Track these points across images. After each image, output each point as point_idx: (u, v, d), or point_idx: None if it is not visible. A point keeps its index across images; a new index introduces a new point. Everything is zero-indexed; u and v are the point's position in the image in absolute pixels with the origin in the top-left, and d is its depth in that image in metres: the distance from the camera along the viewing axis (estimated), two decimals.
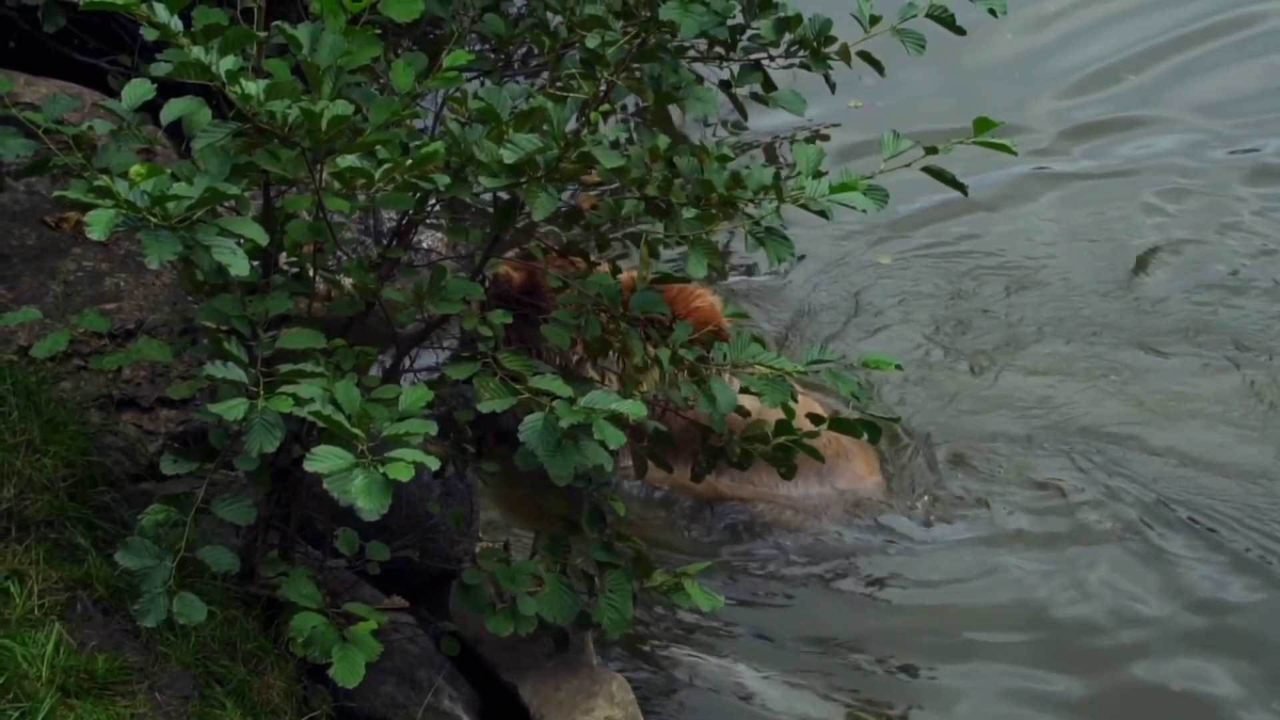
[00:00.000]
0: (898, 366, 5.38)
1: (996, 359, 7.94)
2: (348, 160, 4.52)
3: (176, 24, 4.47)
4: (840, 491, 7.04)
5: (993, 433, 7.50)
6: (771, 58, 5.58)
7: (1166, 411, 7.64)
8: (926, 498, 7.11)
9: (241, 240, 4.47)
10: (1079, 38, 10.29)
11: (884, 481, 7.15)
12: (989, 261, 8.63)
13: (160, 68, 4.59)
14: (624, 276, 5.63)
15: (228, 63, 4.44)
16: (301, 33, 4.62)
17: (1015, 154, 5.17)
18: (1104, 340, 8.08)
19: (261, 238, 4.52)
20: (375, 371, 5.22)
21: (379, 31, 4.72)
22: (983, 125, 5.04)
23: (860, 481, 7.09)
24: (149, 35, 4.54)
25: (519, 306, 6.09)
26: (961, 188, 5.27)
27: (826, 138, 9.09)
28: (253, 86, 4.45)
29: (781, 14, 5.38)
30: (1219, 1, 10.54)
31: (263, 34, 4.74)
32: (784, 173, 4.87)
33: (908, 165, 5.11)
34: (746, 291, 8.24)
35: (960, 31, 5.43)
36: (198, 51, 4.43)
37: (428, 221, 6.11)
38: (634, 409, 4.63)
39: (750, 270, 8.36)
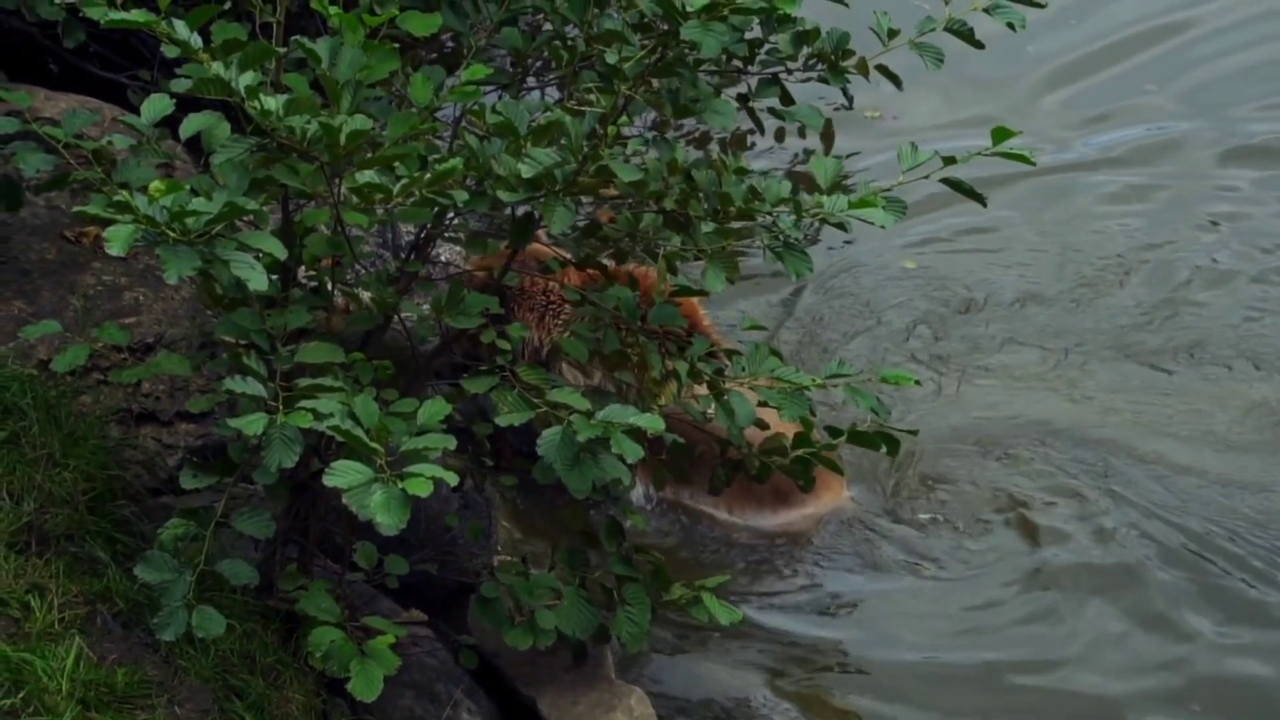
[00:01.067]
0: (917, 383, 5.35)
1: (995, 371, 7.82)
2: (366, 176, 4.53)
3: (196, 40, 4.49)
4: (815, 516, 6.99)
5: (995, 450, 7.37)
6: (789, 71, 5.58)
7: (1165, 424, 7.52)
8: (926, 515, 7.03)
9: (260, 255, 4.47)
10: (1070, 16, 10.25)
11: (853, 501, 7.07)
12: (1000, 261, 8.52)
13: (180, 84, 4.61)
14: (641, 271, 5.60)
15: (247, 78, 4.46)
16: (321, 47, 4.63)
17: (1034, 165, 5.15)
18: (1113, 351, 7.95)
19: (280, 252, 4.52)
20: None
21: (397, 45, 4.73)
22: (1000, 135, 5.02)
23: (835, 502, 7.00)
24: (170, 53, 4.56)
25: None
26: (980, 199, 5.25)
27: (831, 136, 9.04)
28: (272, 102, 4.46)
29: (799, 28, 5.38)
30: None
31: (282, 50, 4.76)
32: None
33: (926, 177, 5.10)
34: (748, 276, 8.09)
35: (979, 45, 5.41)
36: (217, 67, 4.45)
37: (446, 235, 6.12)
38: (652, 423, 4.63)
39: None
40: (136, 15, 4.44)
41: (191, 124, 4.69)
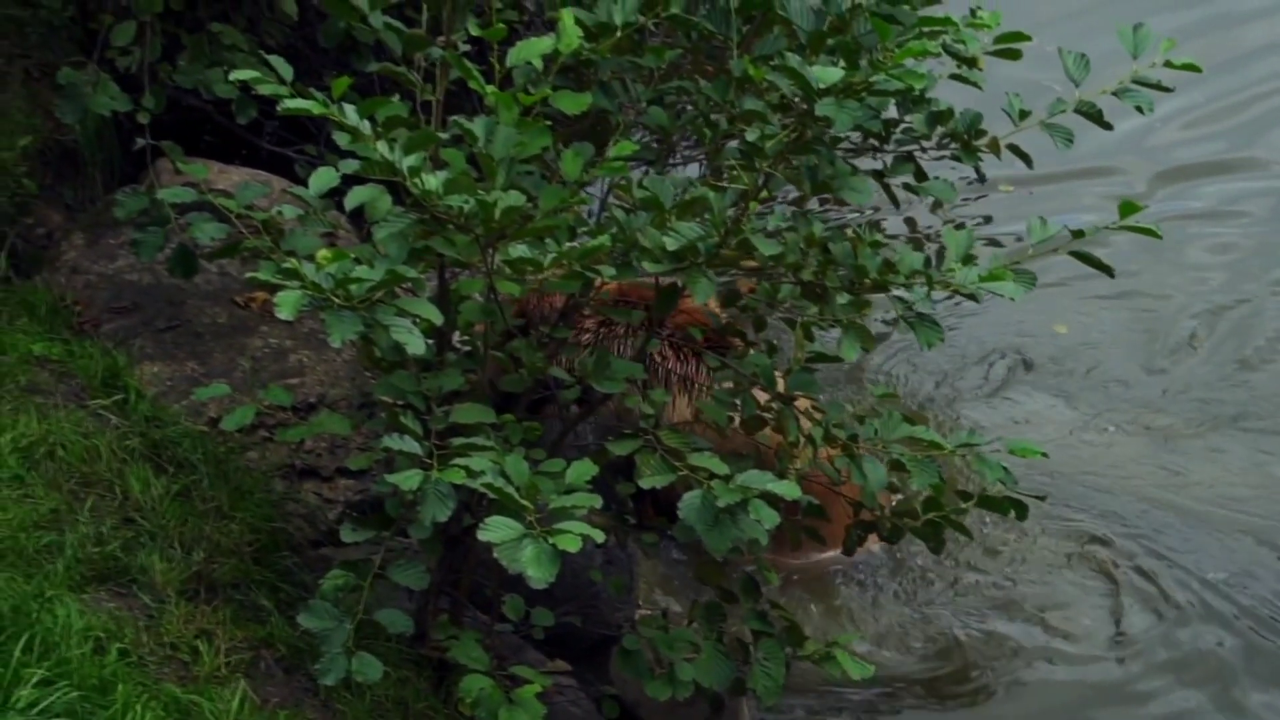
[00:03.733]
0: (1044, 454, 5.43)
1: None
2: (518, 250, 4.70)
3: (365, 126, 4.69)
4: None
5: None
6: (924, 149, 5.68)
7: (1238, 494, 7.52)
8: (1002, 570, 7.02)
9: (418, 320, 4.65)
10: None
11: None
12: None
13: (348, 164, 4.81)
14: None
15: (410, 160, 4.65)
16: (477, 126, 4.81)
17: (1160, 237, 5.23)
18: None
19: (436, 318, 4.72)
20: None
21: (549, 123, 4.90)
22: (1127, 209, 5.11)
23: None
24: (340, 140, 4.75)
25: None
26: (1108, 270, 5.33)
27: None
28: (433, 181, 4.64)
29: (934, 109, 5.49)
30: None
31: (443, 134, 4.96)
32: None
33: (1055, 250, 5.20)
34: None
35: (1108, 126, 5.49)
36: (383, 147, 4.66)
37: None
38: (789, 489, 4.75)
39: None
40: (312, 105, 4.68)
41: (356, 196, 4.87)
